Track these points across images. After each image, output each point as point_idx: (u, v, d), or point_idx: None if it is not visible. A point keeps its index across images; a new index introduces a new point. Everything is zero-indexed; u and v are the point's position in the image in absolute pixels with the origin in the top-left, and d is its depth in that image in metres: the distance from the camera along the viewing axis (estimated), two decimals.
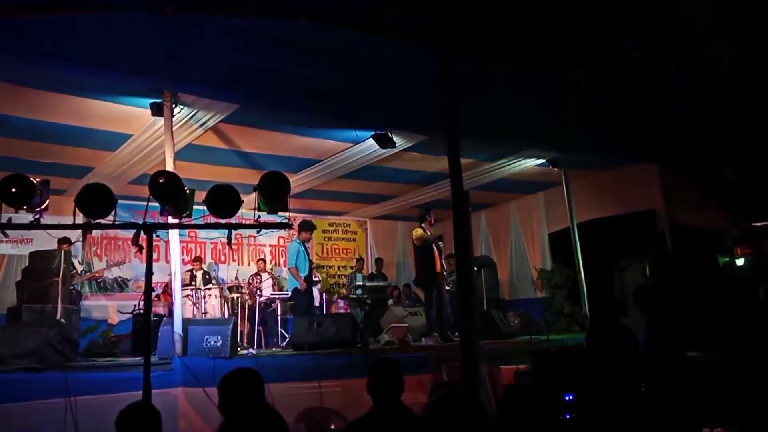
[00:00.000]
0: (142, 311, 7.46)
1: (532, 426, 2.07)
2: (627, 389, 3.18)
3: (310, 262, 8.78)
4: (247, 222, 4.72)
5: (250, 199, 4.56)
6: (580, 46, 6.57)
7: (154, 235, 4.32)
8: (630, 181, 9.93)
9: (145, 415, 2.61)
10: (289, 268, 8.69)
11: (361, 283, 11.14)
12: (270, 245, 12.23)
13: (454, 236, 3.31)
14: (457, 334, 7.86)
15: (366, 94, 6.90)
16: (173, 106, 6.44)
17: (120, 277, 10.52)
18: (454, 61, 3.40)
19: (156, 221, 4.67)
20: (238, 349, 7.38)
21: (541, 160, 9.44)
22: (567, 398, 4.43)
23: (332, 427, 5.45)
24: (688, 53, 7.07)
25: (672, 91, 7.75)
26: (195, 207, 4.51)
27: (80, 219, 4.12)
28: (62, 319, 6.86)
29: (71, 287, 7.72)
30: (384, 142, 7.74)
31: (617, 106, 8.23)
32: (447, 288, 8.83)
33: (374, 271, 12.03)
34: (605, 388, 3.94)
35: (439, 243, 8.29)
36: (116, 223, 4.09)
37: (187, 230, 10.52)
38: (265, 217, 4.49)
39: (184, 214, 4.28)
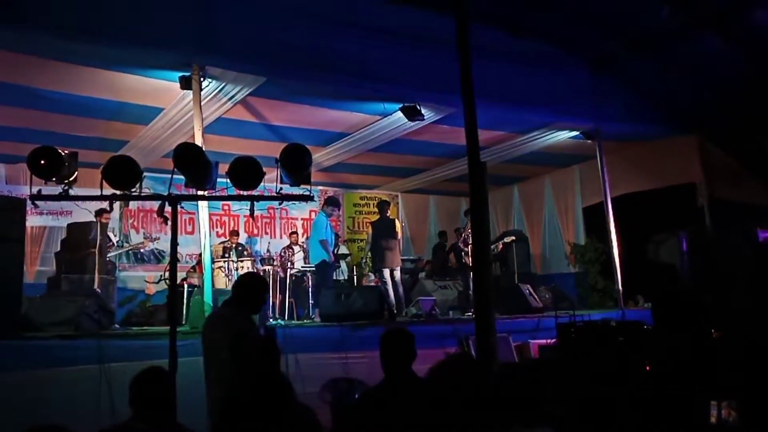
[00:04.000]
0: (167, 281, 7.61)
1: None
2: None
3: (336, 235, 8.80)
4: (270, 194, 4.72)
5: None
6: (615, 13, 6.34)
7: (180, 207, 4.38)
8: (669, 154, 9.64)
9: (154, 378, 2.69)
10: (320, 241, 8.72)
11: None
12: (302, 218, 12.32)
13: (471, 209, 3.26)
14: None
15: (393, 65, 6.83)
16: (201, 79, 6.48)
17: (157, 248, 10.77)
18: (472, 28, 3.31)
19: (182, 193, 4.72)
20: (270, 319, 7.52)
21: (575, 132, 9.22)
22: None
23: (357, 396, 5.51)
24: (730, 19, 6.77)
25: (713, 60, 7.46)
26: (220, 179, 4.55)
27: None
28: (99, 289, 7.08)
29: (107, 258, 7.94)
30: (412, 114, 7.65)
31: (655, 75, 7.97)
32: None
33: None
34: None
35: None
36: (141, 194, 4.14)
37: (220, 204, 10.69)
38: (287, 189, 4.49)
39: (208, 186, 4.31)
